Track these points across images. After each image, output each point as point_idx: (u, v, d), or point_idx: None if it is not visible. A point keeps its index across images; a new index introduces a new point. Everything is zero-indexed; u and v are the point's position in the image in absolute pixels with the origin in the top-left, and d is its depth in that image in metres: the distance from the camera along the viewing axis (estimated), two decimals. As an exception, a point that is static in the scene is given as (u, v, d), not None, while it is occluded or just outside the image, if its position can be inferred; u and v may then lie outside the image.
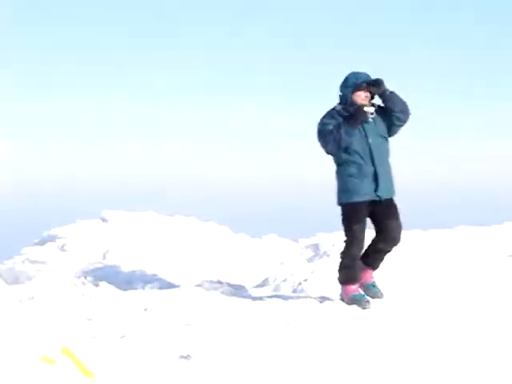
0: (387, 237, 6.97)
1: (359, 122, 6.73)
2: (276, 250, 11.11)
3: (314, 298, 7.31)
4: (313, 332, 5.92)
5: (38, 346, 4.12)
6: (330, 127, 6.77)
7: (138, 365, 4.86)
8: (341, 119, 6.82)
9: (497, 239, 11.35)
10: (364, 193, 6.83)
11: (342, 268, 7.00)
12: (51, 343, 4.21)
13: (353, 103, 6.81)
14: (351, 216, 6.92)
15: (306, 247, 11.05)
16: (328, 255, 10.17)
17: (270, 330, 5.84)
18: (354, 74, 6.86)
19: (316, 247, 10.82)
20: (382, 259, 7.26)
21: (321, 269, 9.23)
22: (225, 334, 5.74)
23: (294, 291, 8.64)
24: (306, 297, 7.59)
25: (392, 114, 6.91)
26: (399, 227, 7.04)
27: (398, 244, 7.07)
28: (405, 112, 6.96)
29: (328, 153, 6.81)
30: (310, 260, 10.47)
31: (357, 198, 6.82)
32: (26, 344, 4.10)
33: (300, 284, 8.82)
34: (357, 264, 7.05)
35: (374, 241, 7.17)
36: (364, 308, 6.85)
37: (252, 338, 5.60)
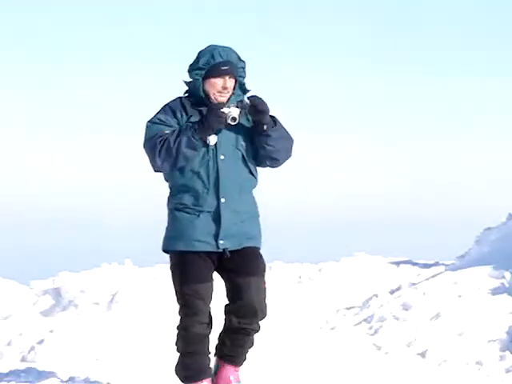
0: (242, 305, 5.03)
1: (210, 130, 4.73)
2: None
3: (48, 372, 6.44)
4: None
5: None
6: (167, 131, 4.86)
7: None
8: (185, 119, 4.94)
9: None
10: (197, 239, 4.93)
11: (179, 357, 5.12)
12: None
13: (205, 97, 4.88)
14: (179, 271, 4.98)
15: (43, 293, 9.55)
16: (75, 305, 8.91)
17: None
18: (210, 51, 4.83)
19: (57, 293, 9.39)
20: (243, 346, 5.05)
21: (63, 325, 8.11)
22: None
23: (23, 360, 7.37)
24: (34, 368, 6.75)
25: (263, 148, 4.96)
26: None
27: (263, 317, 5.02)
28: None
29: (157, 170, 4.87)
30: (47, 313, 9.13)
31: (184, 247, 4.90)
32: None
33: (32, 349, 7.48)
34: (201, 347, 5.15)
35: (225, 312, 5.11)
36: None
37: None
